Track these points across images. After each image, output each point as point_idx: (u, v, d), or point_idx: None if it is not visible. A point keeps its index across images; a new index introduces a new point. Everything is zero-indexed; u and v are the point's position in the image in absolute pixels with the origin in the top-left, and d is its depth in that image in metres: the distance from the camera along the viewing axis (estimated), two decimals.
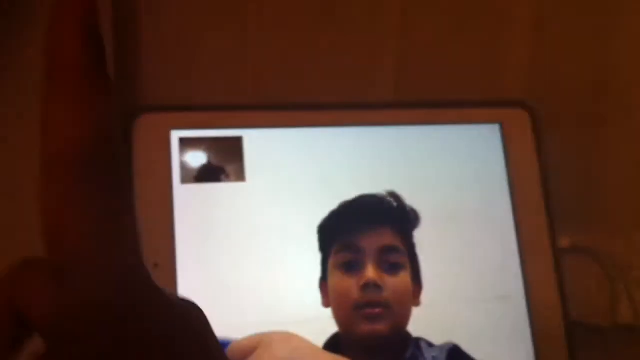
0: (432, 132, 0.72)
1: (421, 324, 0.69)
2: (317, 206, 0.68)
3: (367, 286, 0.66)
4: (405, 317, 0.67)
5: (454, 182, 0.72)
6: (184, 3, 0.69)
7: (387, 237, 0.68)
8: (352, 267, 0.67)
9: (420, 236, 0.70)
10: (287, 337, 0.50)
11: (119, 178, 0.29)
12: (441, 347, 0.67)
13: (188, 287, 0.65)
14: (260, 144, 0.69)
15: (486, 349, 0.69)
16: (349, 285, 0.66)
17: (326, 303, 0.67)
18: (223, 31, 0.69)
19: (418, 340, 0.67)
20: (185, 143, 0.67)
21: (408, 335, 0.67)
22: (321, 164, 0.70)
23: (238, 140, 0.68)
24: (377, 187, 0.70)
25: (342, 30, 0.71)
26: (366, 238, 0.67)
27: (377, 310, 0.66)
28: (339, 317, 0.66)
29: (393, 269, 0.67)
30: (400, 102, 0.73)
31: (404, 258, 0.68)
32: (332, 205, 0.69)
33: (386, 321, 0.66)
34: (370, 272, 0.66)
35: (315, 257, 0.67)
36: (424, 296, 0.69)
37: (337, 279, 0.66)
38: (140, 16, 0.67)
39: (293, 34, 0.70)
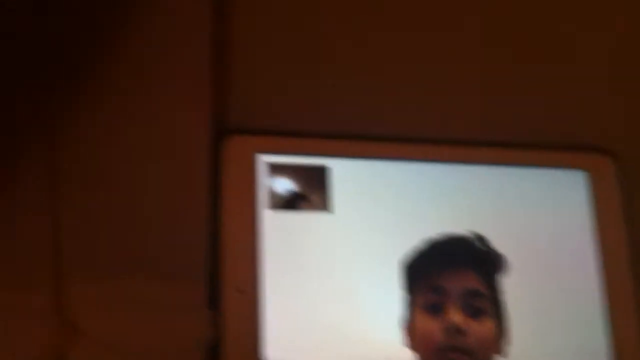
0: (521, 173, 0.71)
1: None
2: (402, 242, 0.67)
3: (450, 329, 0.64)
4: None
5: (539, 228, 0.71)
6: (278, 28, 0.68)
7: (471, 280, 0.66)
8: (436, 309, 0.65)
9: (505, 283, 0.67)
10: None
11: None
12: None
13: (272, 315, 0.63)
14: (348, 174, 0.68)
15: None
16: (433, 328, 0.65)
17: (408, 344, 0.64)
18: (316, 58, 0.68)
19: None
20: (273, 168, 0.66)
21: None
22: (407, 198, 0.68)
23: (325, 170, 0.67)
24: (460, 226, 0.68)
25: (432, 68, 0.70)
26: (451, 280, 0.66)
27: (462, 356, 0.64)
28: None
29: (477, 313, 0.66)
30: (489, 142, 0.72)
31: (487, 303, 0.66)
32: (417, 242, 0.67)
33: None
34: (455, 316, 0.64)
35: (400, 295, 0.65)
36: (508, 345, 0.67)
37: (422, 320, 0.65)
38: (234, 38, 0.66)
39: (389, 69, 0.69)
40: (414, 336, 0.66)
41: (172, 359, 0.62)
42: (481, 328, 0.66)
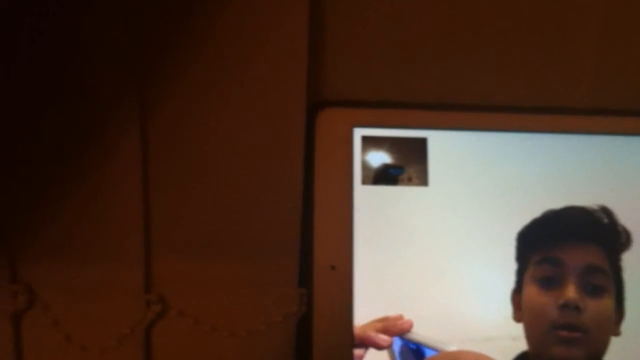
0: (630, 142, 0.65)
1: (617, 354, 0.61)
2: (504, 214, 0.63)
3: (566, 306, 0.60)
4: (603, 346, 0.61)
5: None
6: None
7: (593, 256, 0.62)
8: (551, 282, 0.61)
9: (626, 259, 0.62)
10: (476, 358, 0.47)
11: None
12: None
13: (364, 292, 0.61)
14: (445, 146, 0.64)
15: None
16: (546, 302, 0.61)
17: (518, 317, 0.61)
18: (411, 28, 0.65)
19: None
20: (368, 141, 0.64)
21: None
22: (506, 170, 0.65)
23: (422, 142, 0.64)
24: (571, 200, 0.63)
25: (540, 33, 0.65)
26: (571, 253, 0.62)
27: (575, 334, 0.60)
28: (531, 335, 0.60)
29: (596, 291, 0.61)
30: (599, 110, 0.66)
31: (608, 281, 0.61)
32: (520, 214, 0.63)
33: (583, 347, 0.60)
34: (571, 292, 0.60)
35: (506, 268, 0.61)
36: (624, 325, 0.62)
37: (534, 294, 0.61)
38: (329, 10, 0.64)
39: (488, 33, 0.65)
40: (525, 310, 0.62)
41: (261, 335, 0.61)
42: (599, 307, 0.62)
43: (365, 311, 0.60)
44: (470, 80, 0.66)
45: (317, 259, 0.61)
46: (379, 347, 0.57)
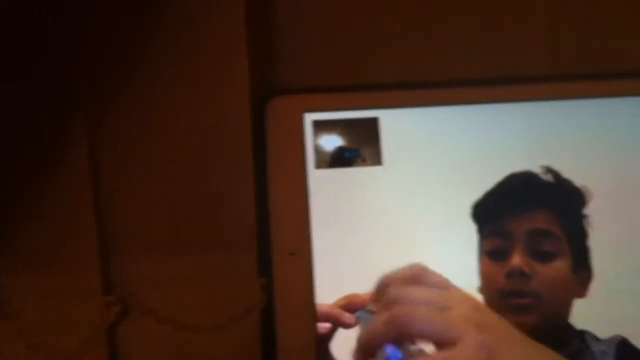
0: (587, 105, 0.65)
1: (586, 315, 0.62)
2: (461, 188, 0.63)
3: (511, 274, 0.61)
4: (562, 309, 0.61)
5: (619, 157, 0.64)
6: None
7: (539, 220, 0.62)
8: (499, 253, 0.62)
9: (589, 218, 0.62)
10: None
11: None
12: (609, 341, 0.60)
13: (325, 276, 0.61)
14: (397, 125, 0.64)
15: None
16: (495, 272, 0.61)
17: (478, 288, 0.61)
18: (358, 7, 0.65)
19: (582, 333, 0.60)
20: (319, 126, 0.64)
21: (570, 327, 0.60)
22: (460, 144, 0.65)
23: (374, 122, 0.64)
24: (529, 165, 0.63)
25: (489, 4, 0.65)
26: (516, 221, 0.62)
27: (525, 300, 0.60)
28: (488, 306, 0.60)
29: (545, 256, 0.61)
30: (550, 77, 0.66)
31: (559, 244, 0.61)
32: (475, 187, 0.63)
33: (536, 312, 0.60)
34: (516, 259, 0.60)
35: (468, 242, 0.61)
36: (594, 285, 0.62)
37: (485, 266, 0.61)
38: None
39: (436, 8, 0.65)
40: (480, 282, 0.63)
41: (226, 328, 0.61)
42: (550, 271, 0.61)
43: (327, 295, 0.60)
44: (419, 57, 0.66)
45: (275, 246, 0.61)
46: (344, 325, 0.57)
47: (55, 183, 0.60)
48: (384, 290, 0.48)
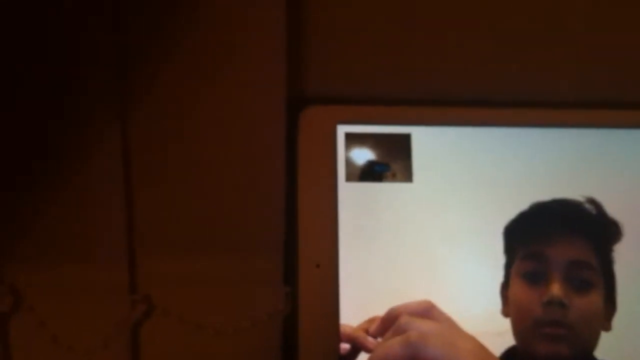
0: (625, 135, 0.65)
1: (609, 348, 0.62)
2: (490, 209, 0.64)
3: (550, 303, 0.60)
4: (591, 342, 0.61)
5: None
6: None
7: (579, 250, 0.62)
8: (536, 277, 0.61)
9: (618, 252, 0.62)
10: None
11: None
12: None
13: (350, 290, 0.61)
14: (429, 142, 0.64)
15: None
16: (531, 298, 0.61)
17: (506, 312, 0.61)
18: (394, 23, 0.65)
19: None
20: (352, 138, 0.64)
21: None
22: (491, 164, 0.65)
23: (406, 138, 0.64)
24: (558, 193, 0.63)
25: (524, 27, 0.65)
26: (556, 247, 0.61)
27: (560, 330, 0.60)
28: (517, 331, 0.60)
29: (583, 286, 0.61)
30: (582, 103, 0.67)
31: (596, 275, 0.61)
32: (506, 208, 0.63)
33: (569, 343, 0.59)
34: (556, 288, 0.60)
35: (494, 262, 0.62)
36: (616, 319, 0.62)
37: (519, 289, 0.61)
38: (311, 6, 0.64)
39: (472, 29, 0.65)
40: (511, 305, 0.62)
41: (247, 333, 0.61)
42: (586, 303, 0.61)
43: (352, 309, 0.60)
44: (454, 76, 0.66)
45: (302, 257, 0.61)
46: (367, 350, 0.57)
47: (87, 177, 0.60)
48: (394, 319, 0.52)
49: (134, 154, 0.61)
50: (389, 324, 0.53)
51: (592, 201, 0.63)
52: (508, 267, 0.62)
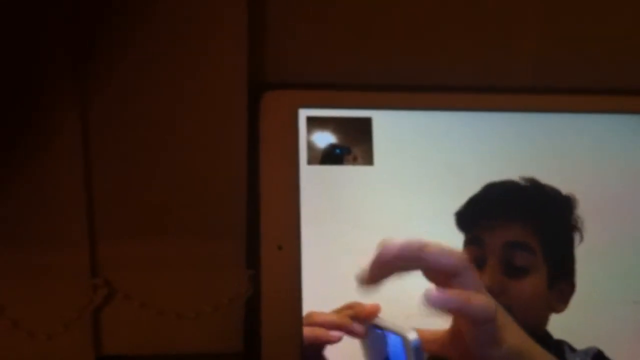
0: (572, 120, 0.66)
1: (564, 327, 0.63)
2: (448, 192, 0.64)
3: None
4: (534, 321, 0.61)
5: (604, 174, 0.65)
6: None
7: (515, 231, 0.62)
8: (477, 263, 0.62)
9: (583, 235, 0.64)
10: None
11: None
12: (585, 352, 0.61)
13: (312, 271, 0.61)
14: (390, 126, 0.65)
15: (632, 356, 0.62)
16: None
17: None
18: (354, 8, 0.65)
19: (560, 343, 0.61)
20: (313, 122, 0.64)
21: (548, 337, 0.61)
22: (450, 148, 0.65)
23: (367, 121, 0.64)
24: (517, 174, 0.64)
25: (483, 11, 0.66)
26: (493, 231, 0.62)
27: None
28: None
29: (519, 268, 0.61)
30: (540, 88, 0.67)
31: (533, 258, 0.62)
32: (462, 194, 0.64)
33: None
34: (489, 274, 0.61)
35: (452, 245, 0.61)
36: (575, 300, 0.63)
37: None
38: None
39: (430, 13, 0.66)
40: None
41: (209, 317, 0.61)
42: (522, 284, 0.62)
43: (314, 290, 0.61)
44: (414, 61, 0.66)
45: (264, 239, 0.61)
46: (355, 335, 0.57)
47: (46, 161, 0.59)
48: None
49: (93, 137, 0.60)
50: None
51: (530, 181, 0.64)
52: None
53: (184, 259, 0.61)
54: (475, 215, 0.63)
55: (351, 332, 0.55)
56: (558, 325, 0.63)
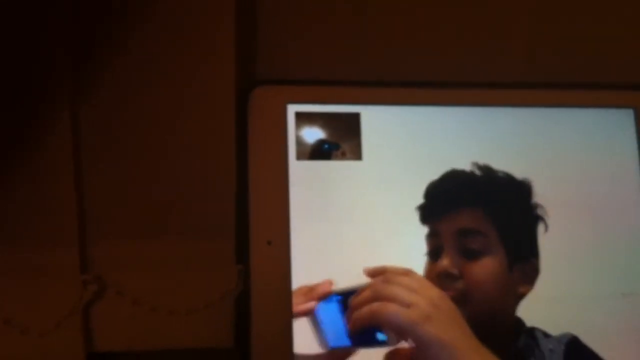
0: (561, 114, 0.67)
1: (538, 314, 0.63)
2: None
3: (441, 276, 0.62)
4: (499, 304, 0.62)
5: (583, 168, 0.66)
6: None
7: (466, 219, 0.63)
8: (435, 255, 0.63)
9: (547, 223, 0.64)
10: None
11: None
12: (559, 338, 0.62)
13: (302, 266, 0.61)
14: (378, 121, 0.65)
15: (606, 344, 0.63)
16: (432, 275, 0.62)
17: None
18: (344, 4, 0.66)
19: (532, 329, 0.62)
20: (302, 118, 0.64)
21: (519, 323, 0.62)
22: (439, 143, 0.66)
23: (356, 117, 0.65)
24: (510, 170, 0.65)
25: (473, 8, 0.66)
26: (446, 221, 0.63)
27: (455, 295, 0.61)
28: None
29: (473, 253, 0.62)
30: (528, 83, 0.68)
31: (487, 241, 0.62)
32: None
33: (468, 306, 0.61)
34: (445, 261, 0.62)
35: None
36: (544, 286, 0.63)
37: (427, 268, 0.63)
38: None
39: (421, 10, 0.66)
40: None
41: (200, 313, 0.61)
42: (478, 268, 0.62)
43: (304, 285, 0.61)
44: (402, 57, 0.67)
45: (253, 235, 0.62)
46: (299, 313, 0.58)
47: (37, 159, 0.60)
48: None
49: (84, 136, 0.60)
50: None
51: (479, 166, 0.65)
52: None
53: (175, 255, 0.61)
54: (431, 207, 0.64)
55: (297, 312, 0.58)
56: (531, 312, 0.63)
